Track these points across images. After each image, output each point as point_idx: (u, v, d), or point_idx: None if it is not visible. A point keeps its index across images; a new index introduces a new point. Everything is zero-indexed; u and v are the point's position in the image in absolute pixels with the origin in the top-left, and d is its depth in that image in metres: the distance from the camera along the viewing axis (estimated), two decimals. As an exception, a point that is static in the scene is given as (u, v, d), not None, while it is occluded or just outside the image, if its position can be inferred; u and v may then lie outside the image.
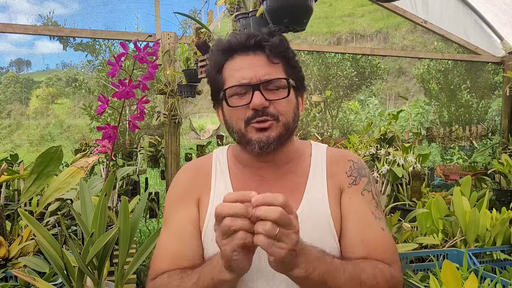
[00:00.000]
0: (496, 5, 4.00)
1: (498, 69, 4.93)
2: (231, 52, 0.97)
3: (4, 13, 6.42)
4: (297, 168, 1.04)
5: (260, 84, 0.93)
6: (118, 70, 1.07)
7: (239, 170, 1.05)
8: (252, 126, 0.95)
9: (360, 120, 7.44)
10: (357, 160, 1.07)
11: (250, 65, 0.95)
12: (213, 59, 1.01)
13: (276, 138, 0.94)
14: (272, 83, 0.94)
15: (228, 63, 0.98)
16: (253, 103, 0.92)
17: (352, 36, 18.84)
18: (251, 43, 0.95)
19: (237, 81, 0.95)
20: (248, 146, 0.97)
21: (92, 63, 4.65)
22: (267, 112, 0.93)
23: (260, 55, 0.96)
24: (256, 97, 0.92)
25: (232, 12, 1.61)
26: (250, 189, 0.99)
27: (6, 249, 1.38)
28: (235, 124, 0.98)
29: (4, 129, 7.30)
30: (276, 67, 0.96)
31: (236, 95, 0.96)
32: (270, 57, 0.95)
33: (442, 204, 1.82)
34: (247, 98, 0.94)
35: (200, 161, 1.13)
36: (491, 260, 1.61)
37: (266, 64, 0.95)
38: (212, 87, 1.03)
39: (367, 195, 1.01)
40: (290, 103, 0.97)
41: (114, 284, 1.06)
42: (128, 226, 1.03)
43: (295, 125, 0.99)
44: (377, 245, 0.94)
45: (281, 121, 0.95)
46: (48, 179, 1.39)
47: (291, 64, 0.99)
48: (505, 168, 2.89)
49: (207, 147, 4.05)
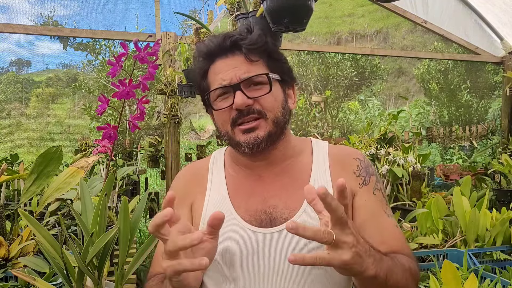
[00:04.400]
0: (496, 5, 4.00)
1: (498, 69, 4.92)
2: (212, 56, 0.96)
3: (4, 13, 6.42)
4: (297, 166, 1.01)
5: (240, 83, 0.92)
6: (119, 70, 1.07)
7: (235, 171, 1.04)
8: (238, 128, 0.93)
9: (360, 120, 7.44)
10: (363, 158, 1.04)
11: (229, 66, 0.94)
12: (198, 66, 1.00)
13: (265, 136, 0.93)
14: (252, 80, 0.93)
15: (211, 67, 0.97)
16: (235, 104, 0.91)
17: (352, 36, 18.83)
18: (227, 44, 0.94)
19: (218, 84, 0.94)
20: (238, 148, 0.96)
21: (92, 63, 4.64)
22: (253, 109, 0.92)
23: (238, 55, 0.94)
24: (237, 97, 0.91)
25: (232, 12, 1.61)
26: (247, 189, 1.00)
27: (6, 249, 1.38)
28: (222, 127, 0.97)
29: (4, 129, 7.29)
30: (257, 65, 0.94)
31: (219, 97, 0.95)
32: (248, 56, 0.93)
33: (442, 204, 1.82)
34: (230, 100, 0.93)
35: (197, 164, 1.12)
36: (491, 260, 1.61)
37: (245, 63, 0.93)
38: (200, 93, 1.02)
39: (378, 194, 0.99)
40: (276, 98, 0.95)
41: (114, 284, 1.06)
42: (128, 226, 1.03)
43: (285, 120, 0.97)
44: (396, 243, 0.94)
45: (269, 118, 0.93)
46: (48, 179, 1.39)
47: (273, 57, 0.97)
48: (505, 168, 2.89)
49: (207, 147, 4.05)
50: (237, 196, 0.99)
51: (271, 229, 0.93)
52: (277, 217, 0.94)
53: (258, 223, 0.94)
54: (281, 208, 0.95)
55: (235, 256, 0.93)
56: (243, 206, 0.97)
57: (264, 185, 0.99)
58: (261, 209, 0.96)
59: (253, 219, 0.95)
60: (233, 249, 0.93)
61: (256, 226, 0.94)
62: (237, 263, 0.93)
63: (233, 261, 0.93)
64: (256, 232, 0.93)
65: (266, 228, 0.94)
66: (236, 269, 0.93)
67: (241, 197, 0.99)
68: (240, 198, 0.99)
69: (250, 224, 0.94)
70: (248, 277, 0.92)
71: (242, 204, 0.98)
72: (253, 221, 0.95)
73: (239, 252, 0.92)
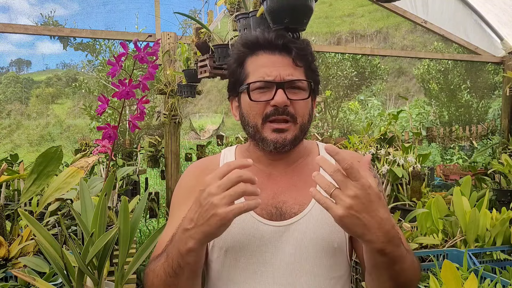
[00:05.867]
0: (496, 5, 4.00)
1: (498, 69, 4.92)
2: (256, 48, 1.00)
3: (4, 13, 6.42)
4: (306, 166, 1.06)
5: (285, 83, 0.95)
6: (118, 70, 1.07)
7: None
8: (269, 125, 0.97)
9: (360, 120, 7.44)
10: None
11: (275, 63, 0.98)
12: (236, 52, 1.03)
13: (292, 140, 0.97)
14: (295, 84, 0.97)
15: (252, 58, 1.00)
16: (275, 100, 0.95)
17: (352, 36, 18.83)
18: (279, 43, 0.98)
19: (262, 77, 0.97)
20: (262, 144, 0.99)
21: (92, 63, 4.65)
22: (287, 111, 0.96)
23: (285, 56, 0.98)
24: (279, 94, 0.95)
25: (232, 12, 1.61)
26: (258, 185, 1.01)
27: (6, 249, 1.38)
28: (252, 118, 0.99)
29: (4, 129, 7.29)
30: (299, 70, 0.99)
31: (258, 90, 0.98)
32: (295, 60, 0.98)
33: (442, 204, 1.82)
34: (269, 95, 0.96)
35: (206, 161, 1.15)
36: (491, 260, 1.61)
37: (291, 66, 0.98)
38: (232, 79, 1.05)
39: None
40: (308, 105, 1.01)
41: (114, 284, 1.06)
42: (128, 226, 1.03)
43: (309, 126, 1.02)
44: None
45: (298, 123, 0.98)
46: (48, 179, 1.39)
47: (311, 68, 1.03)
48: (505, 168, 2.89)
49: (207, 147, 4.04)
50: None
51: (281, 223, 0.97)
52: (287, 211, 0.99)
53: (269, 216, 0.98)
54: (291, 203, 1.00)
55: (246, 246, 0.96)
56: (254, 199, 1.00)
57: (274, 182, 1.03)
58: (272, 203, 1.00)
59: (264, 212, 0.98)
60: (245, 239, 0.97)
61: (267, 219, 0.98)
62: (248, 253, 0.96)
63: (244, 251, 0.97)
64: (267, 224, 0.97)
65: (276, 221, 0.98)
66: (246, 259, 0.97)
67: None
68: None
69: (261, 217, 0.98)
70: (258, 266, 0.96)
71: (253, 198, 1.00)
72: (264, 214, 0.98)
73: (250, 242, 0.96)
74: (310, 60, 1.02)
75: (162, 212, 3.81)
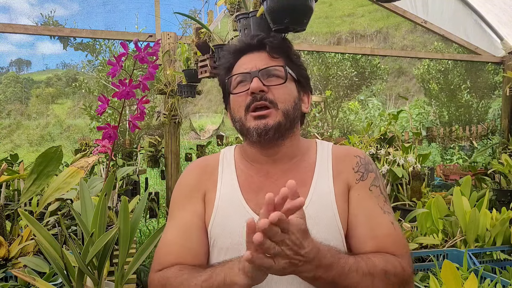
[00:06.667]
0: (496, 5, 4.00)
1: (498, 69, 4.92)
2: (239, 53, 1.06)
3: (4, 13, 6.42)
4: (303, 164, 1.06)
5: (259, 71, 1.00)
6: (119, 70, 1.07)
7: (245, 166, 1.08)
8: (250, 115, 0.99)
9: (360, 120, 7.44)
10: (364, 156, 1.08)
11: (252, 59, 1.03)
12: (223, 61, 1.09)
13: (274, 125, 0.98)
14: (270, 72, 1.01)
15: (237, 62, 1.06)
16: (251, 87, 0.98)
17: (352, 36, 18.83)
18: (254, 42, 1.04)
19: (240, 71, 1.03)
20: (248, 136, 1.01)
21: (92, 63, 4.65)
22: (265, 97, 0.98)
23: (262, 52, 1.04)
24: (253, 82, 0.98)
25: (232, 12, 1.61)
26: (256, 184, 1.04)
27: (6, 249, 1.38)
28: (237, 112, 1.03)
29: (4, 129, 7.29)
30: (277, 61, 1.03)
31: (239, 84, 1.02)
32: (271, 53, 1.02)
33: (442, 204, 1.82)
34: (248, 86, 1.00)
35: (207, 159, 1.16)
36: (491, 260, 1.60)
37: (267, 58, 1.03)
38: (222, 88, 1.10)
39: (375, 190, 1.02)
40: (290, 93, 1.02)
41: (114, 284, 1.06)
42: (128, 226, 1.03)
43: (295, 115, 1.03)
44: (387, 240, 0.95)
45: (280, 108, 0.99)
46: (48, 179, 1.39)
47: (293, 60, 1.06)
48: (505, 168, 2.89)
49: (207, 147, 4.04)
50: (247, 190, 1.04)
51: None
52: None
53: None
54: None
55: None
56: (253, 199, 1.02)
57: (272, 181, 1.03)
58: None
59: None
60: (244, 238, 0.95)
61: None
62: None
63: (244, 250, 0.95)
64: None
65: None
66: None
67: (251, 191, 1.03)
68: (250, 191, 1.03)
69: None
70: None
71: (252, 197, 1.02)
72: None
73: None
74: (289, 54, 1.05)
75: (162, 212, 3.81)
